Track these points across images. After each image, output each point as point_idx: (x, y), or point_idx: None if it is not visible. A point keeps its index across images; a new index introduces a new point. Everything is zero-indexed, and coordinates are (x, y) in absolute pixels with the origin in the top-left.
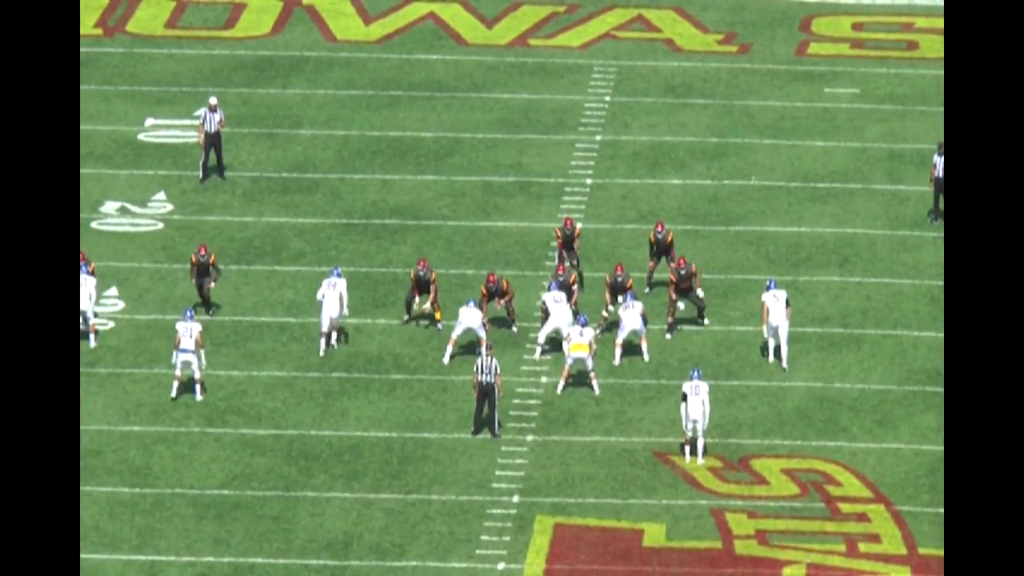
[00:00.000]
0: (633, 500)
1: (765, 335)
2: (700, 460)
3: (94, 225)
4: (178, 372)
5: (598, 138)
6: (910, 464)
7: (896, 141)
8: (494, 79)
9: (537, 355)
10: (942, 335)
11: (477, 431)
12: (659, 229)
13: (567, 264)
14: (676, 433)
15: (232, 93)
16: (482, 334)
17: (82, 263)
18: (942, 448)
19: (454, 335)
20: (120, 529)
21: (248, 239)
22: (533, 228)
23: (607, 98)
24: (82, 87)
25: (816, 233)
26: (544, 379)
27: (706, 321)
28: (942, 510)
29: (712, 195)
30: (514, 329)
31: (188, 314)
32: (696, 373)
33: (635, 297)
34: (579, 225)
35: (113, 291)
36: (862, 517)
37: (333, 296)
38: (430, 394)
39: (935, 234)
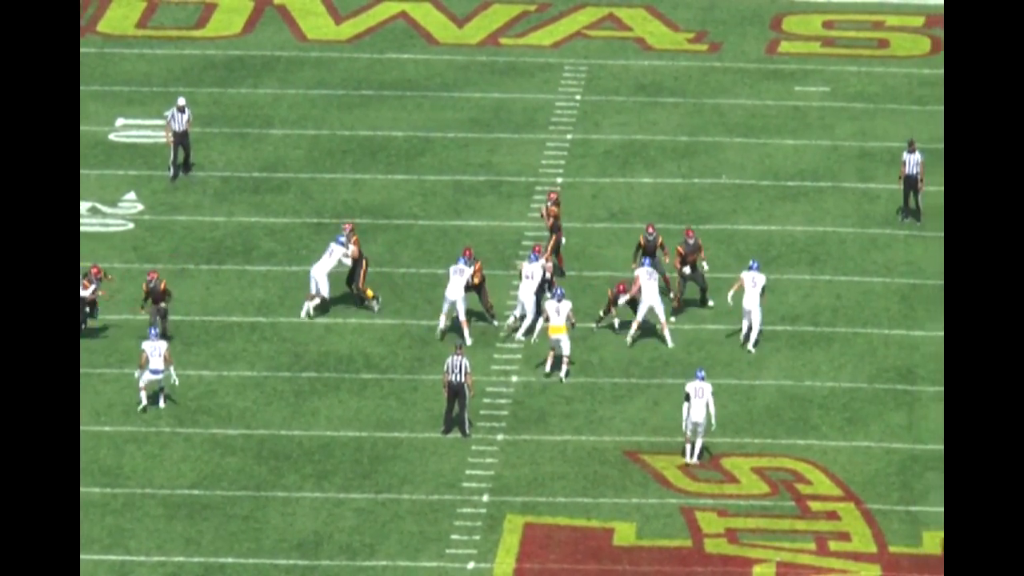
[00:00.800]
0: (603, 499)
1: (729, 302)
2: (695, 460)
3: None
4: (143, 385)
5: (569, 137)
6: (880, 462)
7: (866, 139)
8: (465, 78)
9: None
10: (912, 333)
11: (447, 430)
12: (649, 232)
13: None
14: (646, 432)
15: (203, 93)
16: (462, 308)
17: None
18: (912, 446)
19: (445, 307)
20: (91, 529)
21: (219, 239)
22: (504, 227)
23: (578, 97)
24: None
25: (786, 231)
26: (514, 378)
27: (710, 303)
28: (912, 508)
29: (683, 194)
30: (495, 323)
31: (152, 332)
32: (700, 374)
33: (658, 264)
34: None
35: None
36: (832, 515)
37: (329, 260)
38: (400, 393)
39: (905, 232)
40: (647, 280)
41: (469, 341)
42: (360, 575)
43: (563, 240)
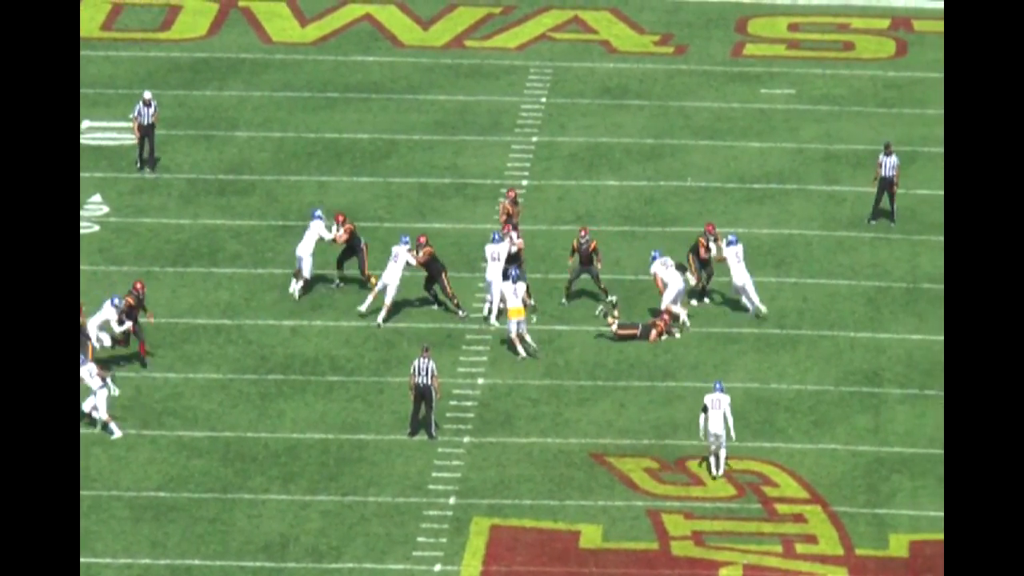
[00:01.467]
0: (570, 501)
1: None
2: (719, 472)
3: None
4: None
5: (534, 139)
6: (846, 465)
7: (832, 142)
8: (430, 81)
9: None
10: (878, 336)
11: (414, 433)
12: (582, 235)
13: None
14: (612, 434)
15: (168, 95)
16: (391, 290)
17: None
18: (878, 449)
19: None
20: None
21: (184, 241)
22: (469, 230)
23: (543, 99)
24: None
25: (752, 234)
26: (481, 380)
27: (707, 300)
28: (879, 511)
29: (648, 196)
30: (461, 313)
31: (82, 358)
32: (719, 385)
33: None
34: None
35: None
36: (799, 518)
37: (310, 236)
38: (366, 396)
39: (872, 235)
40: (665, 270)
41: (380, 318)
42: None
43: (520, 240)
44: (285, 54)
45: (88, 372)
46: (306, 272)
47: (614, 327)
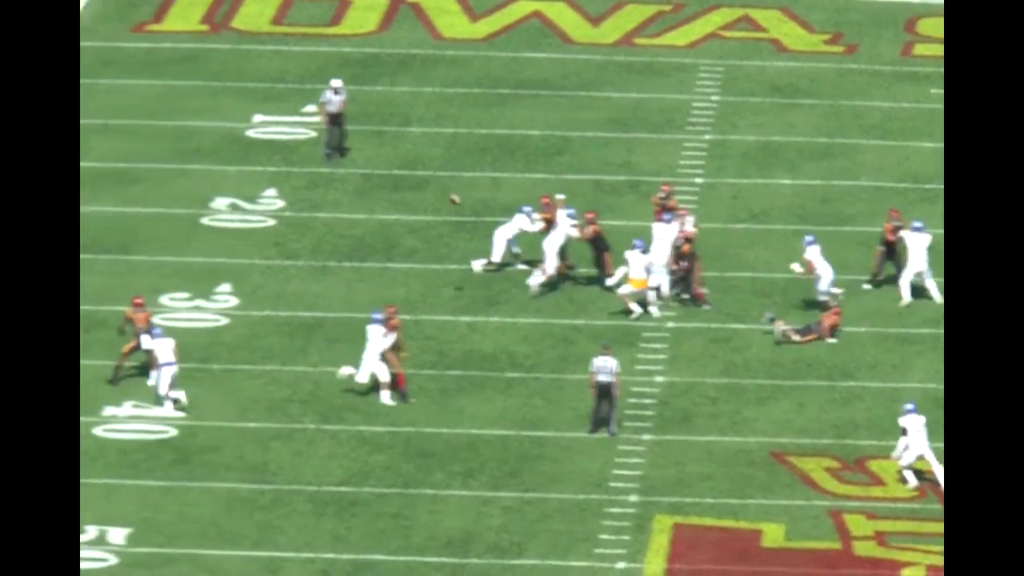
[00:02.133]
0: (751, 500)
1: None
2: (914, 484)
3: (204, 221)
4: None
5: (707, 137)
6: None
7: None
8: (602, 78)
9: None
10: None
11: (594, 430)
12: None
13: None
14: (792, 433)
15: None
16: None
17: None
18: None
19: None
20: (239, 525)
21: (360, 236)
22: (643, 227)
23: (714, 97)
24: (189, 83)
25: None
26: (659, 378)
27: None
28: None
29: (823, 195)
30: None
31: (156, 331)
32: (910, 407)
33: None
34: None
35: (226, 287)
36: None
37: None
38: (545, 392)
39: None
40: (819, 256)
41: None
42: (508, 574)
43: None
44: (456, 50)
45: (164, 345)
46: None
47: (791, 334)
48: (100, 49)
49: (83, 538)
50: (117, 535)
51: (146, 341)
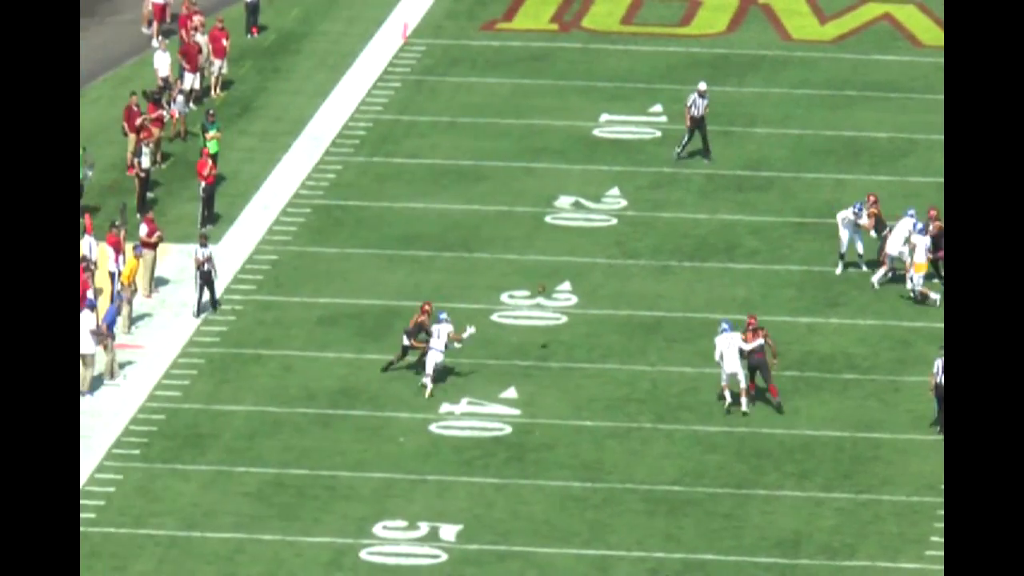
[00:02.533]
0: None
1: None
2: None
3: (548, 219)
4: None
5: None
6: None
7: None
8: None
9: None
10: None
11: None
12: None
13: None
14: None
15: (687, 90)
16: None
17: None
18: None
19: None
20: (571, 523)
21: (702, 236)
22: None
23: None
24: (537, 82)
25: None
26: None
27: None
28: None
29: None
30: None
31: (442, 316)
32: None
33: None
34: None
35: (566, 286)
36: None
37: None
38: (882, 394)
39: None
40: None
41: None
42: (839, 575)
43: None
44: (805, 51)
45: (441, 330)
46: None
47: None
48: (449, 46)
49: (414, 535)
50: (449, 532)
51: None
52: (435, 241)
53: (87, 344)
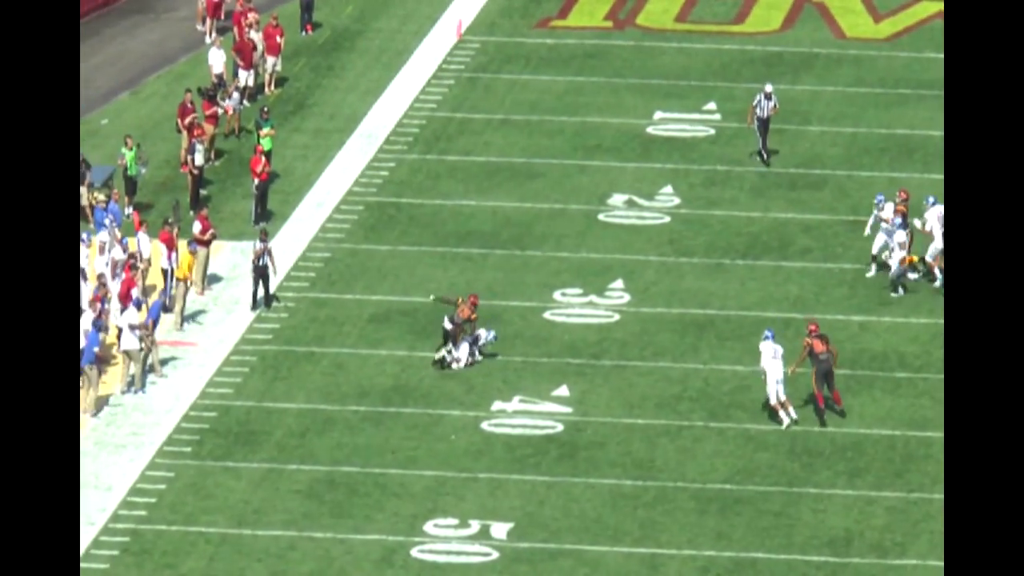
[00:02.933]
0: None
1: None
2: None
3: (601, 217)
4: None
5: None
6: None
7: None
8: None
9: None
10: None
11: None
12: None
13: None
14: None
15: (741, 88)
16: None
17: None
18: None
19: None
20: (622, 521)
21: (755, 234)
22: None
23: None
24: (591, 79)
25: None
26: None
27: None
28: None
29: None
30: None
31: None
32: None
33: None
34: None
35: (619, 283)
36: None
37: None
38: (934, 393)
39: None
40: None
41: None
42: (891, 574)
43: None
44: (859, 50)
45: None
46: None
47: None
48: (503, 44)
49: (465, 532)
50: (500, 530)
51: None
52: (488, 239)
53: (130, 341)
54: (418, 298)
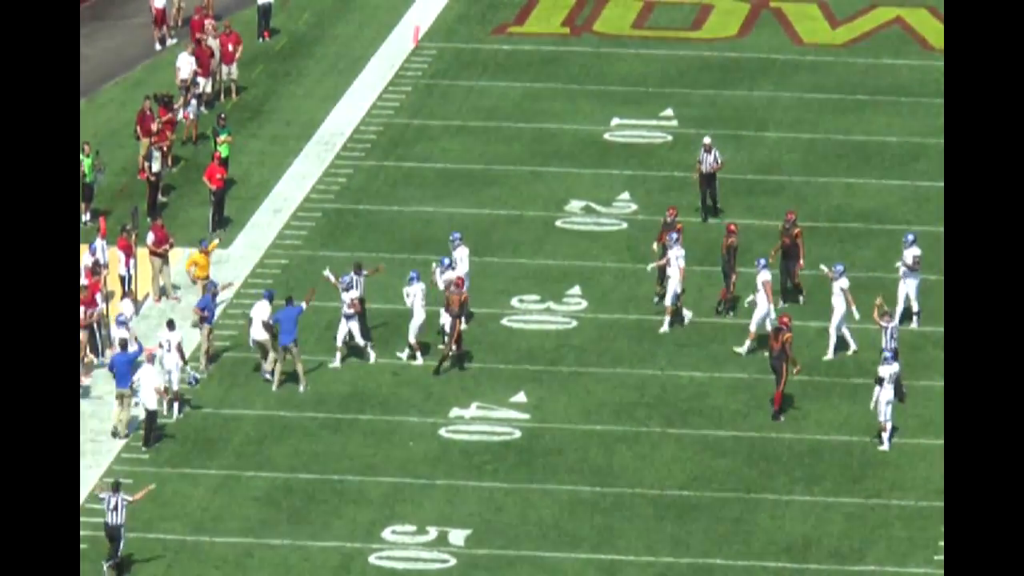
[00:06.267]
0: None
1: None
2: None
3: (559, 223)
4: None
5: None
6: None
7: None
8: None
9: None
10: None
11: None
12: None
13: None
14: None
15: (698, 94)
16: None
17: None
18: None
19: None
20: (580, 528)
21: (713, 240)
22: None
23: None
24: (548, 85)
25: None
26: None
27: None
28: None
29: None
30: None
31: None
32: None
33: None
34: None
35: (576, 290)
36: None
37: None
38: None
39: None
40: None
41: None
42: None
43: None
44: (816, 56)
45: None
46: None
47: None
48: (460, 50)
49: (423, 539)
50: (457, 536)
51: None
52: (446, 245)
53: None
54: (376, 304)
